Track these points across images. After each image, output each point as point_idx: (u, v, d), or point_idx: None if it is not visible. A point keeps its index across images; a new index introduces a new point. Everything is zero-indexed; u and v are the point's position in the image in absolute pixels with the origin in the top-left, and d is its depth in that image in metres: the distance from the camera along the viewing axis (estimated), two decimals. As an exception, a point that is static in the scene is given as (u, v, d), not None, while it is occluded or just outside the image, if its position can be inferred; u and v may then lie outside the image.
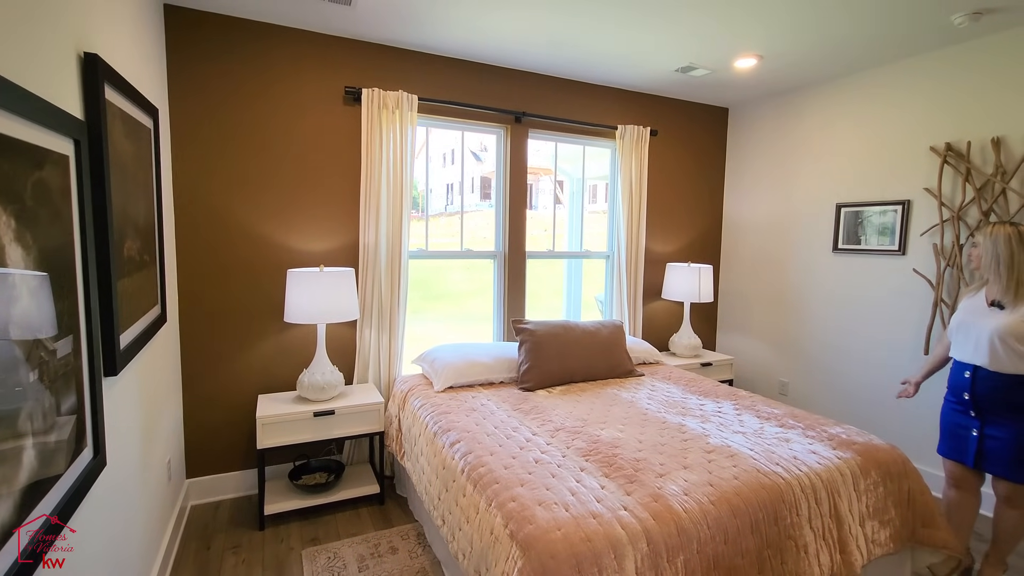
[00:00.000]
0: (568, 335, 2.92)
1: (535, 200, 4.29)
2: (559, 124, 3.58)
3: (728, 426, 2.28)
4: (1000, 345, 1.95)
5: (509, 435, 2.11)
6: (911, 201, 3.07)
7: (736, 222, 4.23)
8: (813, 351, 3.63)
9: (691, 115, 4.10)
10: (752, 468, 1.86)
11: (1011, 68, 2.64)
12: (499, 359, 2.87)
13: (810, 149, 3.63)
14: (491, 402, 2.51)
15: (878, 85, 3.21)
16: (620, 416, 2.36)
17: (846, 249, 3.40)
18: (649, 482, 1.72)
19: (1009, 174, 2.64)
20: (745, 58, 3.10)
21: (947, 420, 2.21)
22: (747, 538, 1.65)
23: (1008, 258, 1.96)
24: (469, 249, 3.44)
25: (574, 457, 1.91)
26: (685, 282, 3.80)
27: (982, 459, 2.06)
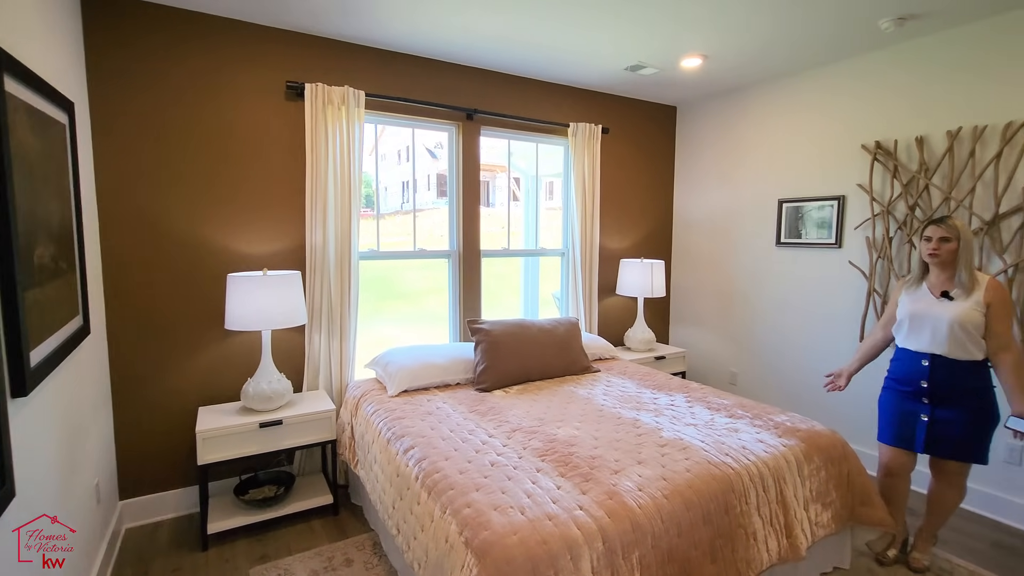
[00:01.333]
0: (524, 334, 2.91)
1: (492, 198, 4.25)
2: (511, 121, 3.55)
3: (680, 419, 2.32)
4: (960, 333, 2.01)
5: (465, 438, 2.07)
6: (846, 196, 3.23)
7: (686, 218, 4.33)
8: (760, 341, 3.78)
9: (641, 113, 4.16)
10: (704, 460, 1.90)
11: (932, 71, 2.81)
12: (455, 360, 2.83)
13: (753, 147, 3.76)
14: (447, 405, 2.47)
15: (814, 86, 3.36)
16: (576, 414, 2.37)
17: (788, 243, 3.55)
18: (604, 479, 1.73)
19: (931, 171, 2.81)
20: (691, 58, 3.17)
21: (894, 408, 2.21)
22: (700, 529, 1.68)
23: (968, 252, 2.04)
24: (423, 249, 3.37)
25: (530, 458, 1.90)
26: (638, 278, 3.86)
27: (932, 444, 2.10)
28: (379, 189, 3.34)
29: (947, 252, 2.05)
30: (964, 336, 2.01)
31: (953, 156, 2.73)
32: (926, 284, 2.16)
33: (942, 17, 2.59)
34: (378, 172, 3.27)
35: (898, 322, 2.21)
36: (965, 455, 2.07)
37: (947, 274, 2.10)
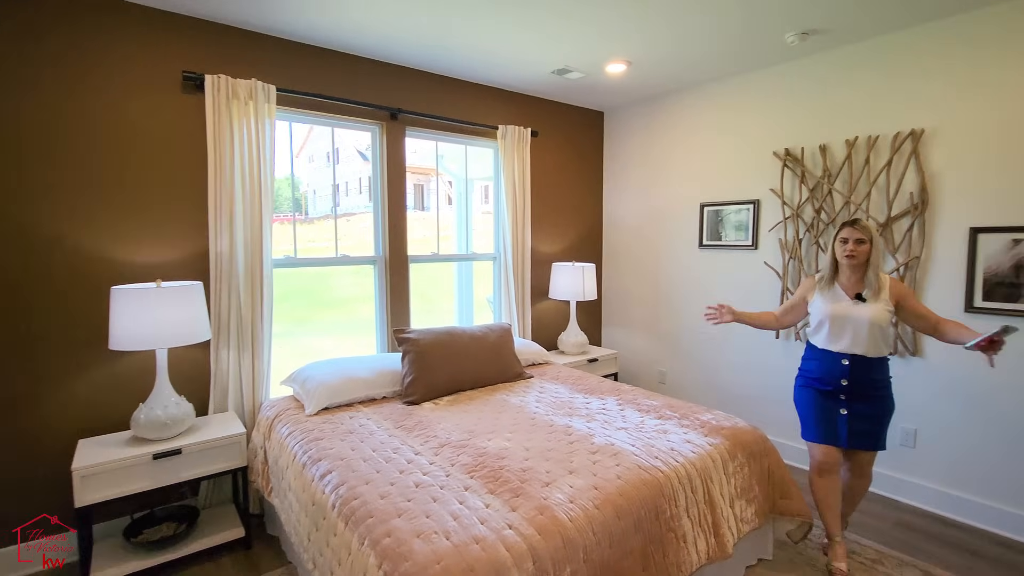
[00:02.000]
0: (454, 342, 2.81)
1: (426, 201, 4.11)
2: (439, 122, 3.44)
3: (612, 423, 2.31)
4: (878, 333, 2.09)
5: (389, 458, 1.93)
6: (760, 200, 3.39)
7: (615, 221, 4.41)
8: (686, 340, 3.90)
9: (570, 117, 4.19)
10: (634, 465, 1.88)
11: (833, 83, 3.01)
12: (381, 372, 2.67)
13: (677, 152, 3.88)
14: (371, 421, 2.31)
15: (730, 95, 3.51)
16: (508, 423, 2.29)
17: (710, 245, 3.69)
18: (535, 493, 1.66)
19: (834, 177, 3.01)
20: (616, 63, 3.21)
21: (815, 406, 2.22)
22: (631, 538, 1.66)
23: (878, 253, 2.12)
24: (346, 255, 3.17)
25: (458, 475, 1.80)
26: (570, 281, 3.87)
27: (852, 436, 2.15)
28: (296, 192, 3.11)
29: (863, 253, 2.10)
30: (880, 335, 2.10)
31: (851, 163, 2.93)
32: (838, 285, 2.20)
33: (840, 34, 2.77)
34: (294, 174, 3.04)
35: (816, 324, 2.23)
36: (877, 445, 2.17)
37: (858, 275, 2.15)
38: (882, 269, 2.18)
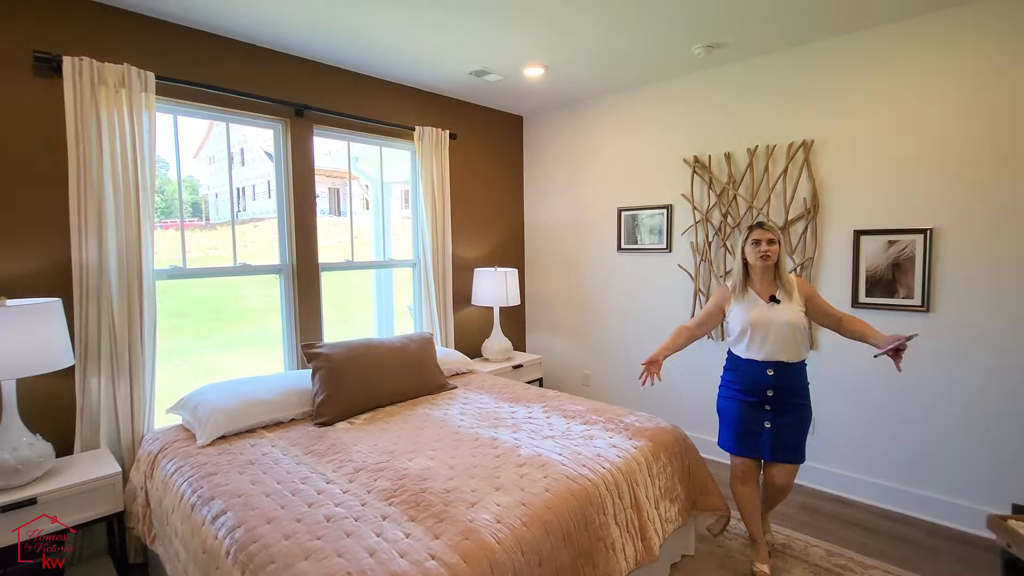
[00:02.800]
0: (371, 355, 2.62)
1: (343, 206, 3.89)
2: (350, 121, 3.24)
3: (539, 432, 2.26)
4: (797, 334, 2.08)
5: (296, 489, 1.74)
6: (673, 205, 3.52)
7: (537, 226, 4.41)
8: (607, 342, 3.96)
9: (489, 121, 4.13)
10: (562, 475, 1.83)
11: (736, 95, 3.19)
12: (288, 393, 2.43)
13: (594, 157, 3.95)
14: (276, 449, 2.08)
15: (644, 102, 3.62)
16: (431, 440, 2.16)
17: (627, 248, 3.78)
18: (460, 516, 1.56)
19: (738, 183, 3.19)
20: (533, 67, 3.20)
21: (738, 418, 2.17)
22: (561, 553, 1.60)
23: (784, 254, 2.14)
24: (246, 264, 2.88)
25: (376, 503, 1.65)
26: (493, 287, 3.80)
27: (776, 450, 2.11)
28: (194, 195, 2.77)
29: (775, 253, 2.09)
30: (800, 337, 2.09)
31: (753, 171, 3.12)
32: (752, 291, 2.17)
33: (742, 49, 2.94)
34: (181, 174, 2.71)
35: (738, 332, 2.16)
36: (799, 457, 2.13)
37: (769, 277, 2.14)
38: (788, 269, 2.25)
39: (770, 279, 2.15)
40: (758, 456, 2.16)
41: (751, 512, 2.23)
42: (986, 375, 2.47)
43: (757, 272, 2.16)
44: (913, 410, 2.68)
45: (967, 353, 2.51)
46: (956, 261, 2.53)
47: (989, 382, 2.46)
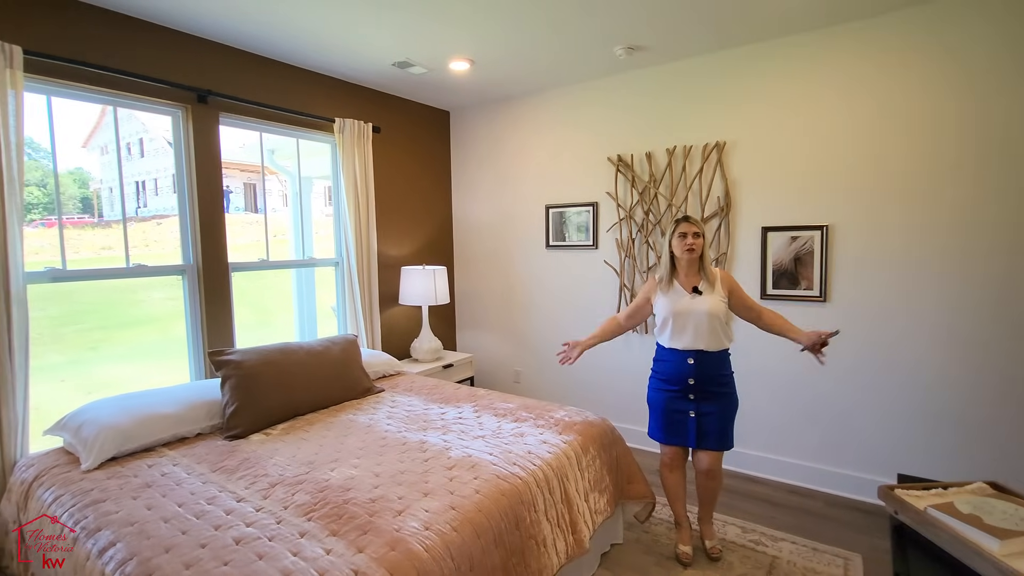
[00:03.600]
0: (288, 360, 2.46)
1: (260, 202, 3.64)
2: (263, 110, 3.01)
3: (469, 432, 2.22)
4: (716, 324, 2.14)
5: (201, 512, 1.58)
6: (598, 203, 3.61)
7: (465, 223, 4.35)
8: (538, 338, 3.99)
9: (415, 115, 4.02)
10: (492, 476, 1.81)
11: (656, 96, 3.31)
12: (193, 405, 2.22)
13: (523, 155, 3.95)
14: (178, 468, 1.89)
15: (570, 101, 3.68)
16: (355, 447, 2.06)
17: (556, 245, 3.82)
18: (386, 526, 1.48)
19: (658, 182, 3.32)
20: (458, 61, 3.14)
21: (665, 408, 2.24)
22: (492, 555, 1.57)
23: (707, 247, 2.22)
24: (142, 265, 2.60)
25: (293, 519, 1.54)
26: (421, 285, 3.71)
27: (700, 438, 2.19)
28: (84, 189, 2.45)
29: (700, 246, 2.17)
30: (718, 326, 2.16)
31: (672, 170, 3.26)
32: (677, 283, 2.24)
33: (661, 52, 3.05)
34: (55, 162, 2.39)
35: (661, 322, 2.24)
36: (724, 444, 2.20)
37: (694, 269, 2.22)
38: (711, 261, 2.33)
39: (694, 271, 2.22)
40: (684, 444, 2.24)
41: (678, 496, 2.33)
42: (875, 358, 2.74)
43: (683, 264, 2.22)
44: (813, 392, 2.92)
45: (858, 338, 2.77)
46: (847, 255, 2.77)
47: (877, 364, 2.73)
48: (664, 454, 2.32)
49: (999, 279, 2.42)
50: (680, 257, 2.20)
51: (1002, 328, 2.43)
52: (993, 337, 2.45)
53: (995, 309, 2.44)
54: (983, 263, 2.45)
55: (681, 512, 2.35)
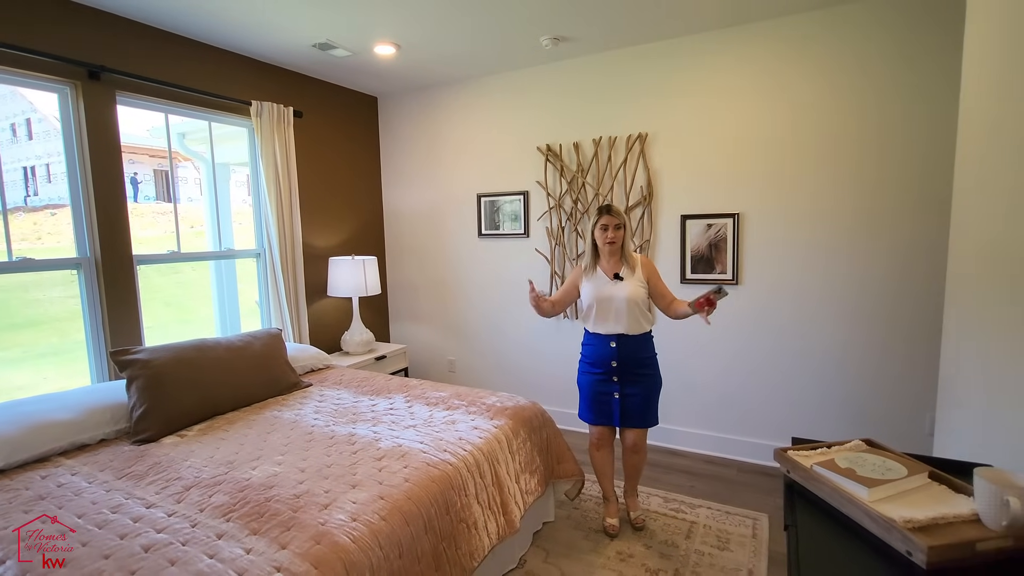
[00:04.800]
0: (204, 357, 2.32)
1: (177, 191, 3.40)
2: (167, 90, 2.79)
3: (400, 422, 2.21)
4: (636, 309, 2.24)
5: (104, 522, 1.47)
6: (529, 192, 3.66)
7: (396, 212, 4.27)
8: (472, 327, 4.01)
9: (340, 100, 3.87)
10: (422, 464, 1.81)
11: (582, 87, 3.39)
12: (94, 409, 2.05)
13: (454, 143, 3.92)
14: (78, 477, 1.74)
15: (500, 89, 3.68)
16: (279, 444, 1.99)
17: (488, 234, 3.84)
18: (311, 521, 1.45)
19: (585, 171, 3.41)
20: (384, 45, 3.05)
21: (592, 391, 2.35)
22: (422, 540, 1.58)
23: (629, 235, 2.32)
24: (27, 259, 2.35)
25: (210, 521, 1.47)
26: (351, 276, 3.61)
27: (624, 417, 2.30)
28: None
29: (620, 237, 2.26)
30: (638, 311, 2.25)
31: (598, 160, 3.36)
32: (600, 269, 2.32)
33: (585, 43, 3.12)
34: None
35: (586, 308, 2.34)
36: (647, 422, 2.32)
37: (616, 257, 2.30)
38: (632, 249, 2.42)
39: (616, 258, 2.31)
40: (610, 424, 2.35)
41: (605, 473, 2.45)
42: (779, 334, 2.99)
43: (605, 252, 2.31)
44: (727, 367, 3.14)
45: (766, 316, 3.01)
46: (756, 241, 3.00)
47: (782, 340, 2.98)
48: (592, 434, 2.43)
49: (893, 264, 2.71)
50: (602, 247, 2.29)
51: (893, 307, 2.73)
52: (887, 316, 2.74)
53: (889, 289, 2.73)
54: (880, 249, 2.73)
55: (609, 488, 2.46)
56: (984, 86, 1.54)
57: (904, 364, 2.70)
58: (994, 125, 1.46)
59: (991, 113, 1.47)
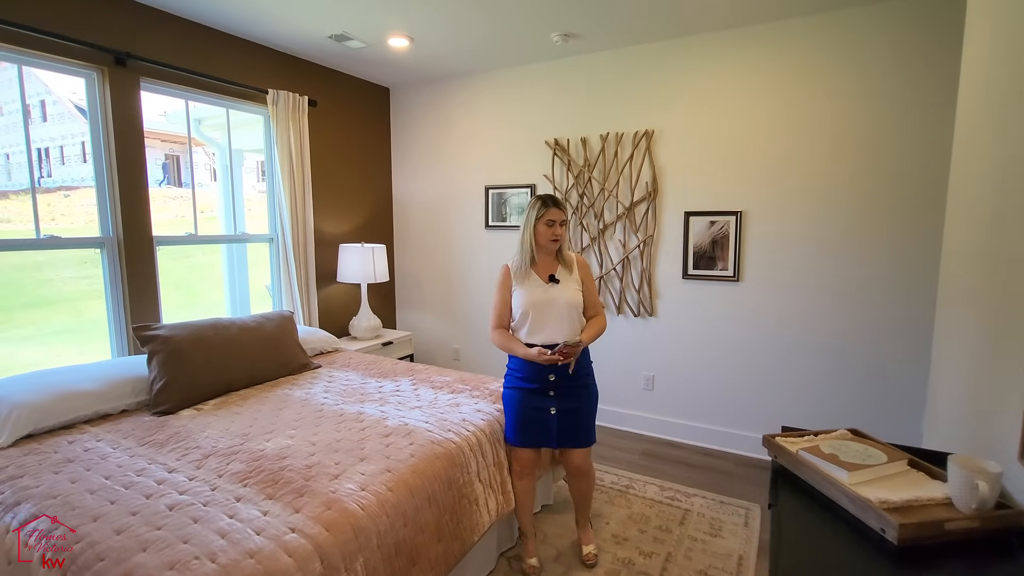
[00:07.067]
0: (220, 336, 2.42)
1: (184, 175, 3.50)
2: (189, 77, 2.87)
3: (406, 403, 2.30)
4: (575, 314, 2.00)
5: (130, 483, 1.57)
6: (536, 185, 3.72)
7: (405, 202, 4.35)
8: (476, 317, 4.10)
9: (354, 90, 3.95)
10: (427, 441, 1.90)
11: (591, 83, 3.45)
12: (116, 382, 2.16)
13: (463, 135, 3.99)
14: (103, 443, 1.85)
15: (510, 83, 3.74)
16: (291, 419, 2.08)
17: (495, 226, 3.92)
18: (322, 489, 1.55)
19: (592, 166, 3.47)
20: (398, 37, 3.12)
21: (522, 407, 2.02)
22: (425, 512, 1.67)
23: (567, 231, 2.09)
24: (54, 236, 2.45)
25: (228, 486, 1.56)
26: (360, 263, 3.70)
27: (563, 436, 2.00)
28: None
29: (564, 234, 2.02)
30: (577, 317, 2.01)
31: (604, 156, 3.42)
32: (533, 271, 2.04)
33: (594, 41, 3.18)
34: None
35: (519, 316, 2.01)
36: (589, 439, 2.05)
37: (552, 256, 2.05)
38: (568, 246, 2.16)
39: (552, 258, 2.06)
40: (544, 445, 2.04)
41: (526, 505, 2.11)
42: (777, 329, 3.05)
43: (544, 251, 2.05)
44: (724, 361, 3.21)
45: (765, 313, 3.07)
46: (758, 238, 3.05)
47: (780, 335, 3.05)
48: (519, 459, 2.07)
49: (888, 263, 2.77)
50: (543, 245, 2.02)
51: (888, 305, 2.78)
52: (882, 313, 2.80)
53: (884, 287, 2.79)
54: (876, 248, 2.79)
55: (528, 522, 2.14)
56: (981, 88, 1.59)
57: (897, 360, 2.76)
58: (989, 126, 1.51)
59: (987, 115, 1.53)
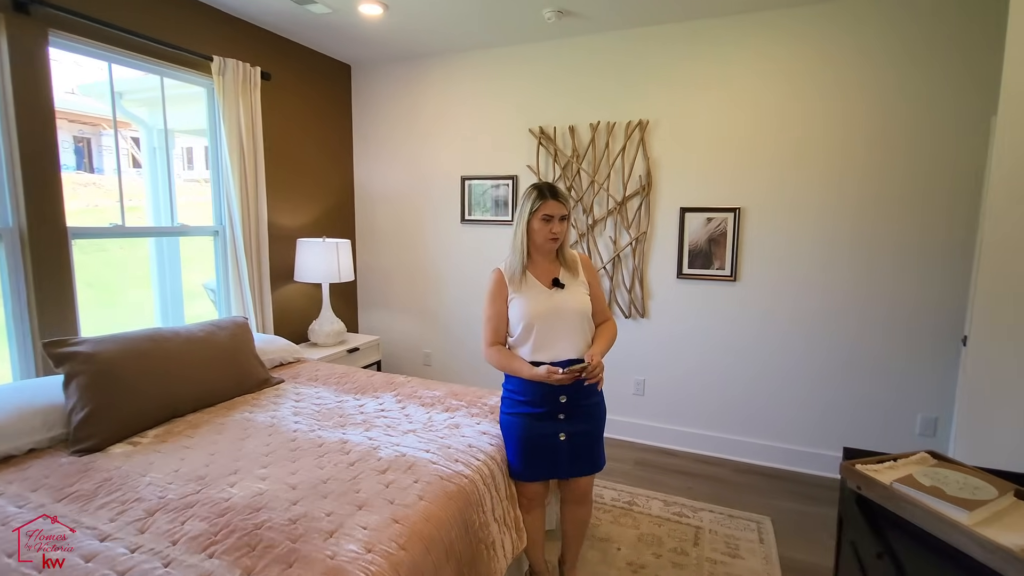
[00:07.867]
0: (160, 350, 1.98)
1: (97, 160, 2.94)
2: (113, 34, 2.36)
3: (396, 426, 1.96)
4: (586, 324, 1.75)
5: (42, 567, 1.16)
6: (518, 176, 3.44)
7: (369, 192, 3.94)
8: (450, 318, 3.77)
9: (312, 65, 3.49)
10: (435, 477, 1.59)
11: (582, 68, 3.20)
12: (22, 413, 1.68)
13: (437, 121, 3.64)
14: (2, 499, 1.40)
15: (492, 65, 3.43)
16: (258, 453, 1.70)
17: (472, 220, 3.60)
18: (317, 555, 1.21)
19: (581, 157, 3.24)
20: (369, 3, 2.74)
21: (527, 435, 1.73)
22: (444, 569, 1.37)
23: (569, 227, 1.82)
24: (-71, 225, 1.90)
25: (188, 558, 1.19)
26: (321, 260, 3.27)
27: (574, 462, 1.75)
28: None
29: (564, 232, 1.73)
30: (589, 327, 1.76)
31: (595, 146, 3.19)
32: (532, 275, 1.76)
33: (590, 20, 2.93)
34: None
35: (520, 331, 1.72)
36: (601, 464, 1.81)
37: (552, 256, 1.79)
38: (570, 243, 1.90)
39: (552, 258, 1.79)
40: (554, 477, 1.78)
41: (538, 541, 1.88)
42: (775, 330, 2.95)
43: (542, 252, 1.77)
44: (721, 364, 3.08)
45: (763, 315, 2.96)
46: (756, 237, 2.93)
47: (775, 339, 2.95)
48: (526, 492, 1.79)
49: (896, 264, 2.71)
50: (541, 244, 1.74)
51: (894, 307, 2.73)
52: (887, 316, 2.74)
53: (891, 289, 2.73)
54: (884, 248, 2.72)
55: (539, 560, 1.91)
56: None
57: (907, 364, 2.72)
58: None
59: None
